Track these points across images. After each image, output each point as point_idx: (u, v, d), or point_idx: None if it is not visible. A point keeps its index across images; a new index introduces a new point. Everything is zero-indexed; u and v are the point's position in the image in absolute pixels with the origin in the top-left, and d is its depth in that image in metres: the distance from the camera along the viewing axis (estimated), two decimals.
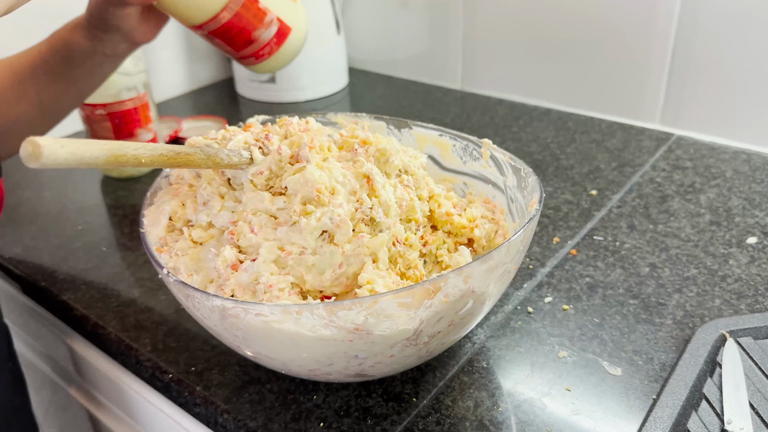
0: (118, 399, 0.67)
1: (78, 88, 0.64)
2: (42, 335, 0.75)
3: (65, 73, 0.62)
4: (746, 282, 0.60)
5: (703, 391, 0.48)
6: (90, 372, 0.69)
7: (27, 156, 0.30)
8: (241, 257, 0.42)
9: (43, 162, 0.31)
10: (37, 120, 0.65)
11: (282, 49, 0.63)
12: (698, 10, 0.83)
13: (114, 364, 0.63)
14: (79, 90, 0.64)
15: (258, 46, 0.61)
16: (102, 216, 0.77)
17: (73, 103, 0.66)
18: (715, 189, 0.76)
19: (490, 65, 1.05)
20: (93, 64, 0.62)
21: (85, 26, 0.60)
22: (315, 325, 0.38)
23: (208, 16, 0.58)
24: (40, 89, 0.62)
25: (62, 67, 0.61)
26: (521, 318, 0.57)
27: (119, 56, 0.63)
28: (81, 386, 0.74)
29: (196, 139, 0.49)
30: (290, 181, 0.43)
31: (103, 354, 0.62)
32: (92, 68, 0.63)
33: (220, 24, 0.58)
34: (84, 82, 0.64)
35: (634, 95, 0.93)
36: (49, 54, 0.61)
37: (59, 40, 0.61)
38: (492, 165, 0.57)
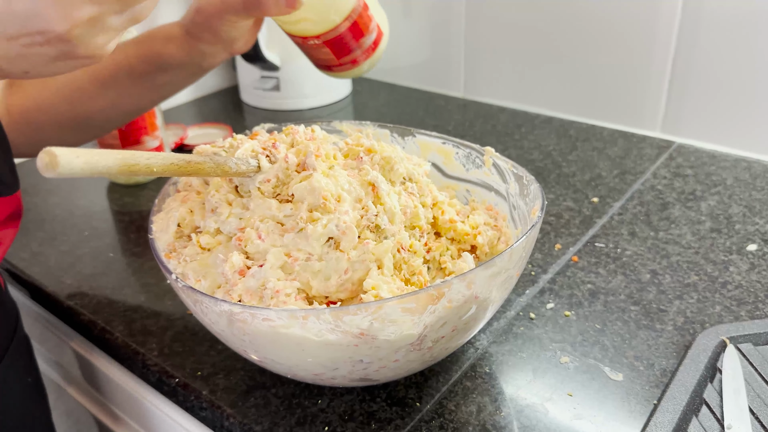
0: (124, 404, 0.67)
1: (161, 93, 0.64)
2: (47, 339, 0.75)
3: (152, 81, 0.62)
4: (746, 289, 0.60)
5: (704, 397, 0.49)
6: (96, 377, 0.69)
7: (44, 165, 0.31)
8: (248, 263, 0.43)
9: (59, 171, 0.31)
10: (113, 118, 0.65)
11: (375, 53, 0.63)
12: (699, 20, 0.84)
13: (120, 369, 0.63)
14: (161, 95, 0.64)
15: (359, 52, 0.61)
16: (108, 222, 0.78)
17: (151, 105, 0.66)
18: (715, 196, 0.76)
19: (492, 73, 1.05)
20: (185, 73, 0.62)
21: (182, 39, 0.59)
22: (321, 329, 0.39)
23: (330, 27, 0.57)
24: (120, 91, 0.62)
25: (150, 75, 0.61)
26: (523, 324, 0.57)
27: (212, 67, 0.63)
28: (87, 391, 0.75)
29: (204, 147, 0.49)
30: (297, 188, 0.44)
31: (110, 359, 0.63)
32: (183, 77, 0.62)
33: (338, 33, 0.58)
34: (169, 88, 0.63)
35: (636, 103, 0.93)
36: (137, 61, 0.60)
37: (150, 50, 0.60)
38: (494, 172, 0.57)
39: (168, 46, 0.60)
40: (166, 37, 0.60)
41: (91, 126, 0.65)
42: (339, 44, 0.59)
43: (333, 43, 0.59)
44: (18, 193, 0.55)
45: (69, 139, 0.66)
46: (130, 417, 0.68)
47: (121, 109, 0.64)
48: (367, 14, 0.59)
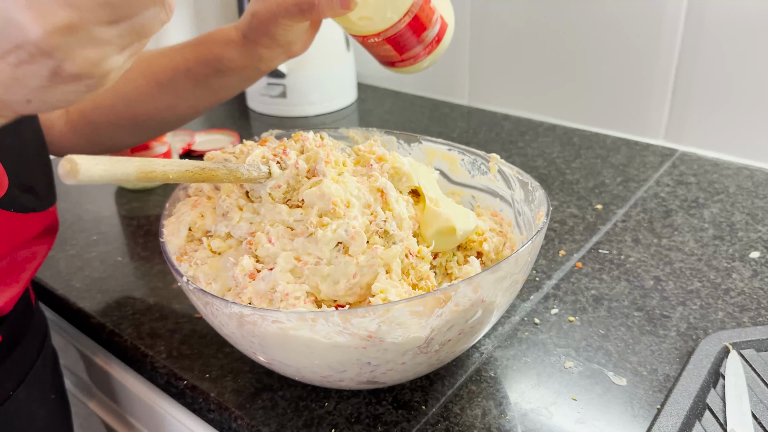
0: (131, 406, 0.68)
1: (218, 96, 0.63)
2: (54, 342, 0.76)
3: (210, 84, 0.61)
4: (749, 295, 0.61)
5: (707, 402, 0.49)
6: (103, 380, 0.70)
7: (65, 173, 0.32)
8: (258, 266, 0.44)
9: (80, 179, 0.32)
10: (169, 120, 0.65)
11: (439, 46, 0.59)
12: (701, 29, 0.84)
13: (129, 372, 0.64)
14: (218, 97, 0.63)
15: (423, 46, 0.58)
16: (116, 226, 0.79)
17: (209, 107, 0.65)
18: (718, 204, 0.77)
19: (496, 81, 1.06)
20: (243, 77, 0.61)
21: (240, 43, 0.58)
22: (329, 332, 0.39)
23: (389, 24, 0.55)
24: (178, 93, 0.62)
25: (209, 78, 0.60)
26: (528, 329, 0.58)
27: (270, 69, 0.62)
28: (94, 394, 0.75)
29: (215, 153, 0.50)
30: (307, 194, 0.44)
31: (119, 361, 0.64)
32: (241, 81, 0.62)
33: (399, 29, 0.55)
34: (227, 91, 0.63)
35: (639, 111, 0.94)
36: (195, 64, 0.60)
37: (209, 53, 0.59)
38: (500, 179, 0.58)
39: (227, 50, 0.59)
40: (224, 41, 0.59)
41: (147, 127, 0.65)
42: (400, 41, 0.57)
43: (393, 40, 0.56)
44: (54, 208, 0.56)
45: (125, 139, 0.67)
46: (137, 420, 0.69)
47: (177, 111, 0.64)
48: (429, 7, 0.56)
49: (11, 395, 0.56)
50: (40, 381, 0.61)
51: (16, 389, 0.56)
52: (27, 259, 0.55)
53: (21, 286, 0.54)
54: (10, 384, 0.56)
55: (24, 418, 0.57)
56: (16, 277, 0.54)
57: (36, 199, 0.52)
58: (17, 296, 0.54)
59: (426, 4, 0.56)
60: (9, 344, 0.55)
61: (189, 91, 0.62)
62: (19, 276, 0.54)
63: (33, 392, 0.59)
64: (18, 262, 0.54)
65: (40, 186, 0.54)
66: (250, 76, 0.61)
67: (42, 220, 0.54)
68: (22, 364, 0.58)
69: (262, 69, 0.60)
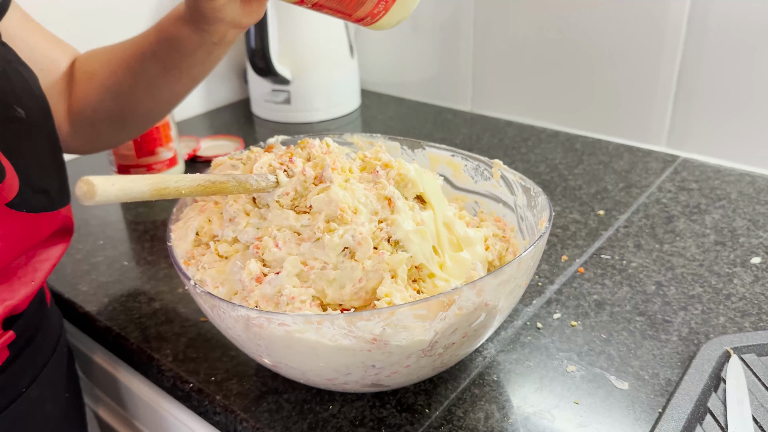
0: (136, 410, 0.69)
1: (190, 75, 0.63)
2: None
3: (177, 63, 0.60)
4: (750, 300, 0.61)
5: (708, 406, 0.50)
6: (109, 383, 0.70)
7: (82, 194, 0.33)
8: (265, 270, 0.44)
9: (97, 200, 0.33)
10: (153, 108, 0.65)
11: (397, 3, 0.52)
12: (703, 37, 0.85)
13: (135, 375, 0.65)
14: (191, 77, 0.63)
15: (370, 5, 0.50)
16: (122, 231, 0.80)
17: (187, 89, 0.65)
18: (720, 210, 0.77)
19: (499, 88, 1.07)
20: (203, 52, 0.60)
21: (187, 19, 0.57)
22: (335, 334, 0.40)
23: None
24: (152, 79, 0.62)
25: (173, 57, 0.60)
26: (531, 333, 0.58)
27: (229, 42, 0.61)
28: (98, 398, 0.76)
29: (222, 159, 0.51)
30: (315, 200, 0.45)
31: (124, 365, 0.64)
32: (203, 57, 0.60)
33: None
34: (196, 70, 0.62)
35: (641, 118, 0.95)
36: (158, 46, 0.60)
37: (165, 32, 0.59)
38: (502, 184, 0.59)
39: (180, 28, 0.58)
40: (176, 18, 0.58)
41: (137, 118, 0.66)
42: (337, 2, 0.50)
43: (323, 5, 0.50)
44: (68, 209, 0.57)
45: (121, 134, 0.68)
46: (142, 423, 0.69)
47: (157, 98, 0.64)
48: None
49: (23, 392, 0.57)
50: (53, 380, 0.61)
51: (28, 387, 0.57)
52: (41, 260, 0.56)
53: (36, 285, 0.55)
54: (23, 381, 0.57)
55: (37, 416, 0.58)
56: (32, 276, 0.55)
57: (47, 200, 0.53)
58: (32, 295, 0.55)
59: None
60: (23, 342, 0.56)
61: (161, 76, 0.62)
62: (34, 275, 0.55)
63: (46, 391, 0.60)
64: (32, 263, 0.55)
65: (53, 187, 0.54)
66: (210, 51, 0.60)
67: (55, 220, 0.55)
68: (36, 363, 0.58)
69: (217, 43, 0.59)
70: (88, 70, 0.65)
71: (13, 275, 0.53)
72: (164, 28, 0.59)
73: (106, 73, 0.63)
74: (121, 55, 0.63)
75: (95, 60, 0.65)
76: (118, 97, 0.64)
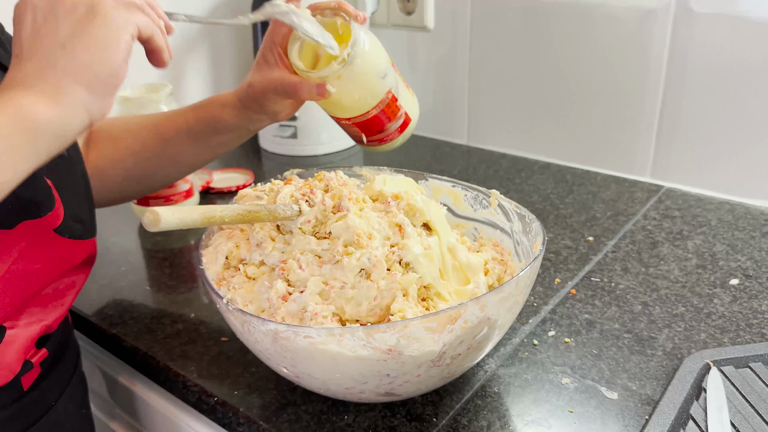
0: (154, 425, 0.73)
1: (215, 152, 0.74)
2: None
3: (208, 141, 0.72)
4: (729, 318, 0.67)
5: (690, 413, 0.54)
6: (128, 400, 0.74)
7: (149, 222, 0.40)
8: (290, 290, 0.50)
9: (161, 226, 0.40)
10: (172, 173, 0.76)
11: (401, 135, 0.71)
12: (683, 75, 0.92)
13: (156, 391, 0.69)
14: (214, 153, 0.74)
15: (386, 134, 0.69)
16: (143, 258, 0.84)
17: (206, 161, 0.76)
18: (701, 236, 0.83)
19: (493, 122, 1.14)
20: (235, 135, 0.72)
21: (235, 107, 0.68)
22: (354, 345, 0.45)
23: (360, 113, 0.66)
24: (180, 150, 0.72)
25: (207, 135, 0.71)
26: (528, 349, 0.63)
27: (258, 129, 0.73)
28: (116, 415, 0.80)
29: (247, 191, 0.57)
30: (334, 227, 0.51)
31: (144, 381, 0.69)
32: (234, 139, 0.72)
33: (367, 118, 0.67)
34: (222, 148, 0.74)
35: (627, 151, 1.01)
36: (195, 123, 0.70)
37: (208, 114, 0.70)
38: (500, 212, 0.64)
39: (224, 111, 0.69)
40: (222, 104, 0.70)
41: (153, 180, 0.77)
42: (367, 126, 0.68)
43: (362, 125, 0.68)
44: (95, 240, 0.63)
45: (131, 190, 0.78)
46: None
47: (179, 165, 0.75)
48: (396, 104, 0.67)
49: (52, 406, 0.61)
50: (75, 396, 0.66)
51: (56, 401, 0.62)
52: (69, 285, 0.61)
53: (65, 308, 0.60)
54: (52, 396, 0.61)
55: (66, 428, 0.63)
56: (61, 300, 0.60)
57: (84, 229, 0.59)
58: (62, 316, 0.60)
59: (393, 102, 0.67)
60: (53, 359, 0.61)
61: (189, 147, 0.72)
62: (63, 299, 0.60)
63: (69, 406, 0.64)
64: (61, 288, 0.60)
65: (86, 217, 0.60)
66: (240, 135, 0.72)
67: (87, 248, 0.61)
68: (62, 379, 0.63)
69: (251, 129, 0.71)
70: (112, 135, 0.74)
71: (47, 298, 0.59)
72: (207, 110, 0.71)
73: (133, 139, 0.73)
74: (152, 126, 0.73)
75: (120, 127, 0.75)
76: (142, 160, 0.73)
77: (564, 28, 1.00)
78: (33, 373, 0.57)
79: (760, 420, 0.53)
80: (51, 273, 0.58)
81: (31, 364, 0.56)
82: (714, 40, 0.88)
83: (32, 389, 0.58)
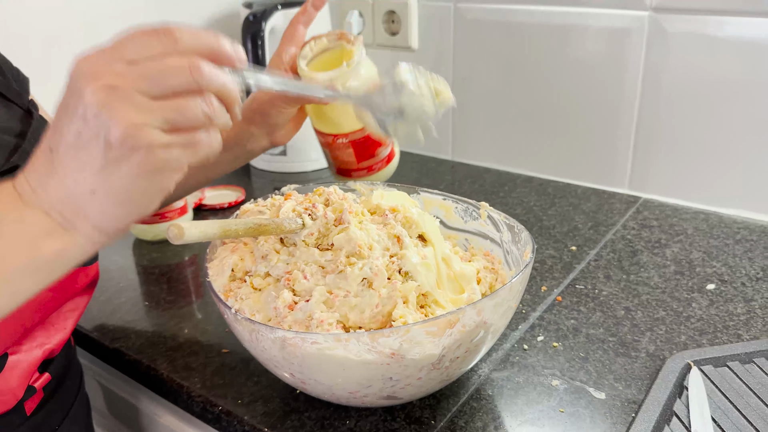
0: None
1: (207, 175, 0.75)
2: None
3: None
4: (707, 321, 0.70)
5: (674, 409, 0.58)
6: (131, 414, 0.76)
7: (173, 236, 0.43)
8: (296, 299, 0.52)
9: (185, 240, 0.43)
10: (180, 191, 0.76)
11: (386, 168, 0.75)
12: (658, 91, 0.97)
13: (159, 404, 0.70)
14: (207, 176, 0.75)
15: (376, 160, 0.72)
16: (141, 274, 0.86)
17: (198, 186, 0.77)
18: (678, 244, 0.87)
19: (477, 138, 1.18)
20: (232, 156, 0.72)
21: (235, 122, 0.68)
22: (360, 350, 0.48)
23: (359, 127, 0.68)
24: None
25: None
26: (518, 354, 0.66)
27: (254, 154, 0.74)
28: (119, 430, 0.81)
29: (249, 206, 0.59)
30: (337, 239, 0.53)
31: (148, 395, 0.70)
32: (230, 160, 0.73)
33: (363, 135, 0.68)
34: (217, 169, 0.74)
35: (605, 164, 1.06)
36: None
37: None
38: (489, 223, 0.68)
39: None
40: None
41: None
42: (362, 146, 0.70)
43: (357, 143, 0.70)
44: (97, 264, 0.64)
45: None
46: None
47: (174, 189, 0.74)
48: None
49: (56, 429, 0.62)
50: (78, 418, 0.67)
51: (59, 425, 0.63)
52: (72, 309, 0.63)
53: (68, 332, 0.61)
54: (55, 419, 0.62)
55: None
56: (64, 324, 0.61)
57: None
58: (65, 340, 0.61)
59: None
60: (56, 383, 0.62)
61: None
62: (66, 323, 0.61)
63: (73, 428, 0.65)
64: (64, 312, 0.62)
65: None
66: (237, 156, 0.73)
67: (90, 273, 0.62)
68: (65, 402, 0.64)
69: (248, 148, 0.72)
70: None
71: (50, 322, 0.60)
72: None
73: None
74: None
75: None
76: None
77: (544, 47, 1.04)
78: (36, 397, 0.58)
79: (738, 415, 0.57)
80: (57, 300, 0.59)
81: (34, 389, 0.57)
82: (686, 58, 0.93)
83: (35, 413, 0.58)
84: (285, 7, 1.08)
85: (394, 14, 1.17)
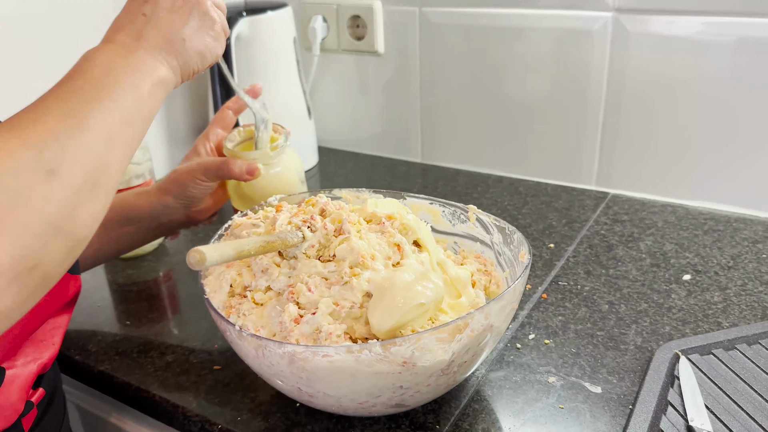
0: None
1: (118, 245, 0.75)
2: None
3: (116, 230, 0.73)
4: (687, 311, 0.73)
5: (668, 399, 0.60)
6: None
7: (195, 261, 0.44)
8: (301, 312, 0.51)
9: (207, 264, 0.45)
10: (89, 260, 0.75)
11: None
12: (622, 90, 1.00)
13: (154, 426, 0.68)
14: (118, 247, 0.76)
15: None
16: (117, 293, 0.83)
17: (108, 257, 0.77)
18: (650, 237, 0.90)
19: (447, 140, 1.19)
20: (146, 227, 0.73)
21: (151, 194, 0.71)
22: (371, 360, 0.47)
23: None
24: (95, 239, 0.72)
25: (116, 223, 0.72)
26: (512, 353, 0.67)
27: (169, 229, 0.75)
28: None
29: (242, 219, 0.58)
30: (339, 249, 0.53)
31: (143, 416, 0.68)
32: (144, 231, 0.74)
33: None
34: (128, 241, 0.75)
35: (573, 162, 1.08)
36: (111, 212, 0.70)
37: (122, 201, 0.73)
38: (479, 226, 0.68)
39: (138, 198, 0.72)
40: (138, 192, 0.73)
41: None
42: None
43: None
44: (80, 277, 0.62)
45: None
46: None
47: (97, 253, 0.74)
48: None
49: None
50: None
51: None
52: (56, 326, 0.61)
53: (56, 348, 0.60)
54: None
55: None
56: (51, 340, 0.59)
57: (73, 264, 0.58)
58: (54, 356, 0.59)
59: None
60: (48, 399, 0.60)
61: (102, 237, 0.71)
62: (53, 339, 0.60)
63: None
64: (50, 328, 0.60)
65: None
66: (151, 228, 0.74)
67: (76, 284, 0.60)
68: (57, 419, 0.62)
69: (162, 221, 0.73)
70: None
71: (38, 338, 0.58)
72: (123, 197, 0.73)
73: None
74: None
75: None
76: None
77: (509, 49, 1.06)
78: (32, 414, 0.57)
79: (729, 400, 0.59)
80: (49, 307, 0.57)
81: (32, 404, 0.56)
82: (649, 58, 0.96)
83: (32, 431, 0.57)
84: (250, 14, 1.06)
85: (359, 19, 1.17)
